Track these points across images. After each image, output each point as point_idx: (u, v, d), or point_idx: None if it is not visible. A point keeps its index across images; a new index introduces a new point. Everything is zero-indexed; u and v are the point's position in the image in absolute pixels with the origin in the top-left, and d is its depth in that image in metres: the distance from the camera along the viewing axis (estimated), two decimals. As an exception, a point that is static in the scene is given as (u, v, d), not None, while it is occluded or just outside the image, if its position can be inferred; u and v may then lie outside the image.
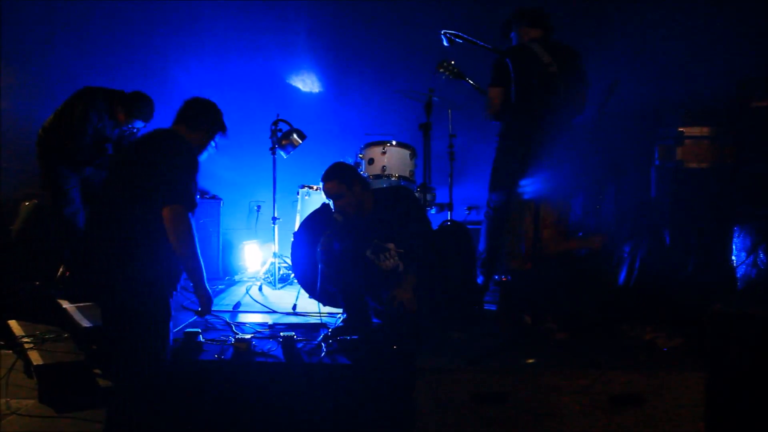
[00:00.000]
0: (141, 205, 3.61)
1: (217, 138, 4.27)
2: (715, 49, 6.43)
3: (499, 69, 5.41)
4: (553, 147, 5.11)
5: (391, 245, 4.71)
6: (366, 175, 6.20)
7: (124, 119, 6.20)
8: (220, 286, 6.67)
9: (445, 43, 5.88)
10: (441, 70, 5.75)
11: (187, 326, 4.82)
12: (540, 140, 5.19)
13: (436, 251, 4.78)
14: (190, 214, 3.63)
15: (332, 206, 4.72)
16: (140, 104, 6.20)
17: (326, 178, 4.70)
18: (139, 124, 6.27)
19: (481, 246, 5.58)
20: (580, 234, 4.63)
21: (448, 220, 6.18)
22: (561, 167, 4.58)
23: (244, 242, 7.58)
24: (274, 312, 5.47)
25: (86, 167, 6.21)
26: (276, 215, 6.49)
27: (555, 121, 5.20)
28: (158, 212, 3.57)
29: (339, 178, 4.66)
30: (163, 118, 6.96)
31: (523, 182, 4.74)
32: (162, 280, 3.67)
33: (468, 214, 7.54)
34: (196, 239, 3.64)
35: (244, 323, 5.02)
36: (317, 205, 5.82)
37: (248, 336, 4.38)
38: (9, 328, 5.68)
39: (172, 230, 3.57)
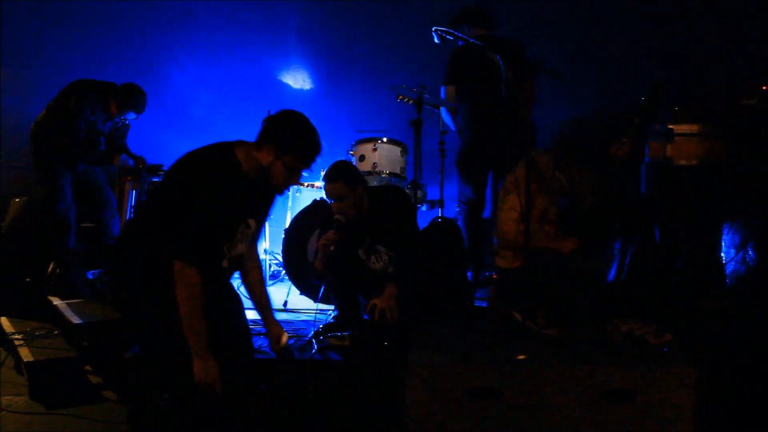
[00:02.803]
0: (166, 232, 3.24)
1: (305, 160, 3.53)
2: (705, 48, 6.46)
3: (449, 67, 5.82)
4: (515, 138, 5.47)
5: (382, 247, 4.72)
6: (358, 171, 6.22)
7: (117, 111, 6.17)
8: (211, 283, 6.66)
9: (436, 40, 5.93)
10: (399, 99, 5.91)
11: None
12: (499, 133, 5.39)
13: (427, 248, 4.79)
14: (197, 269, 3.14)
15: (332, 205, 4.68)
16: (133, 96, 6.18)
17: (331, 179, 4.56)
18: (131, 116, 6.24)
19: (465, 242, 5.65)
20: (562, 233, 4.64)
21: (439, 217, 6.20)
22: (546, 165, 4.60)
23: (235, 239, 7.56)
24: (266, 308, 5.47)
25: (79, 163, 6.19)
26: (267, 212, 6.49)
27: (509, 114, 5.49)
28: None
29: (344, 179, 4.53)
30: (155, 115, 6.99)
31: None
32: None
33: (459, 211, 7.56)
34: (195, 302, 3.15)
35: (235, 320, 5.01)
36: (308, 202, 5.83)
37: (239, 332, 4.38)
38: (-1, 325, 5.67)
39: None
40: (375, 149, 6.29)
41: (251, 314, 4.97)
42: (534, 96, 5.75)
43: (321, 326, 4.59)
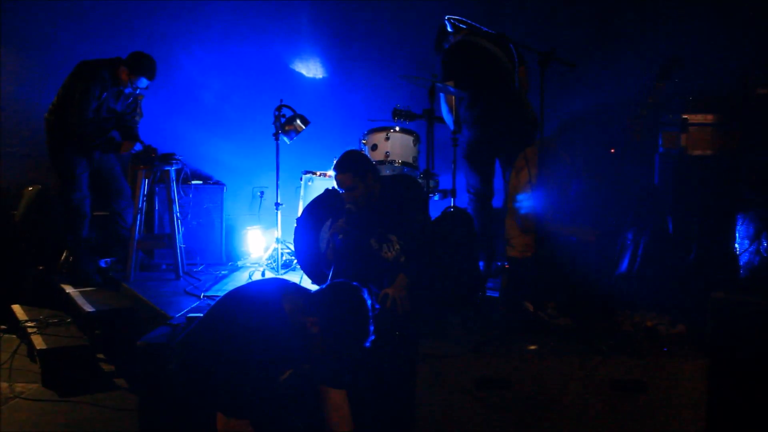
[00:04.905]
0: None
1: None
2: (720, 37, 6.40)
3: (445, 64, 5.90)
4: (516, 126, 5.62)
5: (394, 237, 4.71)
6: (370, 160, 6.21)
7: (128, 77, 6.17)
8: (223, 272, 6.69)
9: (449, 29, 5.93)
10: (396, 119, 6.12)
11: (189, 311, 4.83)
12: (503, 122, 5.63)
13: (439, 238, 4.78)
14: None
15: (343, 195, 4.68)
16: (143, 60, 6.16)
17: (341, 170, 4.60)
18: (143, 83, 6.23)
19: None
20: (578, 222, 4.62)
21: (451, 207, 6.18)
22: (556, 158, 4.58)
23: (248, 228, 7.59)
24: (277, 297, 5.47)
25: (95, 150, 6.18)
26: (279, 201, 6.49)
27: (510, 102, 5.73)
28: None
29: (354, 170, 4.57)
30: (166, 102, 6.97)
31: (519, 197, 4.76)
32: None
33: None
34: None
35: (246, 309, 5.01)
36: (320, 191, 5.81)
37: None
38: (13, 313, 5.72)
39: None
40: (387, 138, 6.29)
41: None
42: (528, 85, 5.89)
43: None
